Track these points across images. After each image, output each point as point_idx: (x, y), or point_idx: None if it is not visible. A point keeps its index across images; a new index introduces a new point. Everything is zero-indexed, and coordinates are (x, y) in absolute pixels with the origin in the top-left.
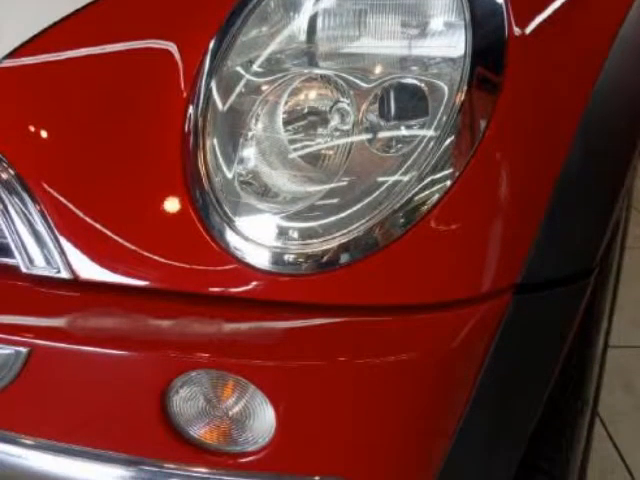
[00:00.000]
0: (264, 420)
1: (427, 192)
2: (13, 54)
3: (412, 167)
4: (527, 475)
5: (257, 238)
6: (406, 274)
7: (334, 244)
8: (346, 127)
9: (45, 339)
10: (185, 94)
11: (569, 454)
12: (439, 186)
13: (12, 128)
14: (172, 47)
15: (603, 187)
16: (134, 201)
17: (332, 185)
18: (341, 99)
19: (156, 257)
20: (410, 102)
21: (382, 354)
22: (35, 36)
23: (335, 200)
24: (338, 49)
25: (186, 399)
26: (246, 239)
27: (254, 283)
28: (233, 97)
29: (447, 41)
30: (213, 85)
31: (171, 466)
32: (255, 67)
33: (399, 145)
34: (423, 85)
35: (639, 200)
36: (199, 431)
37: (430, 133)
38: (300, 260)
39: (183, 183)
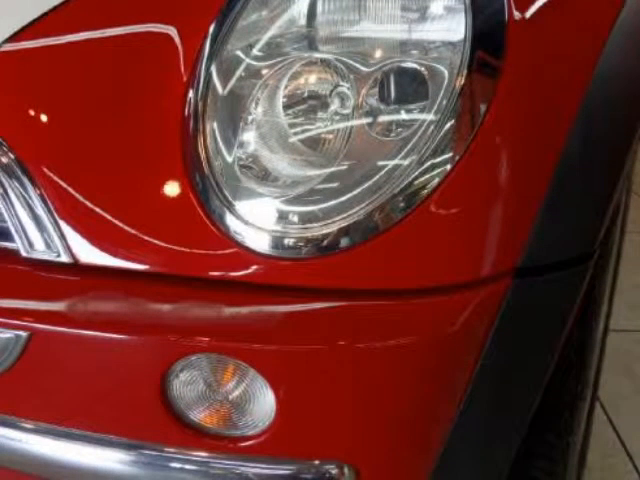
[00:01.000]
0: (264, 404)
1: (427, 176)
2: (13, 38)
3: (412, 151)
4: (527, 459)
5: (257, 222)
6: (406, 258)
7: (334, 228)
8: (346, 111)
9: (45, 323)
10: (185, 78)
11: (569, 438)
12: (439, 170)
13: (12, 112)
14: (172, 31)
15: (603, 171)
16: (134, 185)
17: (332, 169)
18: (341, 83)
19: (156, 241)
20: (410, 86)
21: (382, 338)
22: (35, 20)
23: (335, 184)
24: (338, 33)
25: (186, 383)
26: (246, 223)
27: (254, 267)
28: (233, 81)
29: (447, 25)
30: (213, 69)
31: (171, 450)
32: (255, 51)
33: (399, 129)
34: (423, 69)
35: (639, 185)
36: (199, 415)
37: (430, 117)
38: (300, 244)
39: (183, 167)
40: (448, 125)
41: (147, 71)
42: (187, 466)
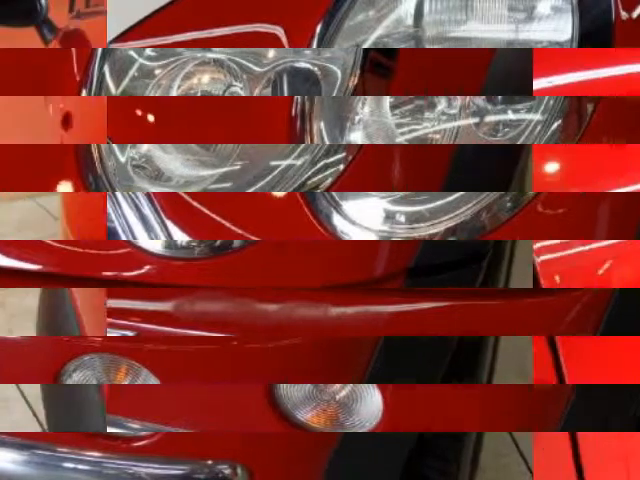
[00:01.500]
0: None
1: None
2: (121, 37)
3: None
4: (420, 459)
5: None
6: None
7: None
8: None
9: None
10: None
11: (462, 438)
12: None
13: None
14: (279, 31)
15: None
16: None
17: (225, 169)
18: None
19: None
20: None
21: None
22: (142, 20)
23: (228, 184)
24: (445, 33)
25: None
26: None
27: (147, 267)
28: None
29: (554, 25)
30: None
31: (64, 450)
32: None
33: (506, 129)
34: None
35: None
36: None
37: (537, 117)
38: (193, 244)
39: (77, 167)
40: (555, 125)
41: None
42: (80, 466)
